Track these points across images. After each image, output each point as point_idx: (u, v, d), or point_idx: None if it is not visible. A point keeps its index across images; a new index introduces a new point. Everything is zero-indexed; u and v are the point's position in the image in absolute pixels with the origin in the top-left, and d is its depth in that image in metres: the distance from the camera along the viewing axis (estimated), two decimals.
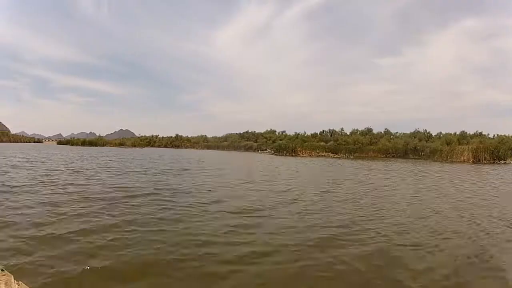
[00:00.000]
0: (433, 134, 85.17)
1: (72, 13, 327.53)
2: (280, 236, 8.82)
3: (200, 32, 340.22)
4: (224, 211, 11.68)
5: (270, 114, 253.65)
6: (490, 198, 16.62)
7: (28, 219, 9.51)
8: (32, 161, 33.48)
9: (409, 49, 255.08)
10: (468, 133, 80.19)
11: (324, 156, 69.75)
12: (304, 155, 69.74)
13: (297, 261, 7.03)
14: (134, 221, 9.85)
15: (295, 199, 14.76)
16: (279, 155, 70.41)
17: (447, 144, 71.75)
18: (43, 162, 32.53)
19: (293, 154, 70.45)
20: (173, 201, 13.30)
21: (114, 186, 17.01)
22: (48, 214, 10.25)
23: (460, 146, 62.59)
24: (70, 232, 8.38)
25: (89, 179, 19.43)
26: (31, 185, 16.15)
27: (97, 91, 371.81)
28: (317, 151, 72.71)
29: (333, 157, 66.84)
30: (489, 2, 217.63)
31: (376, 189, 19.26)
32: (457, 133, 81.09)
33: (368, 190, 18.52)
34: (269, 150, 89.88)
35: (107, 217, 10.12)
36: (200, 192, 15.99)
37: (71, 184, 17.13)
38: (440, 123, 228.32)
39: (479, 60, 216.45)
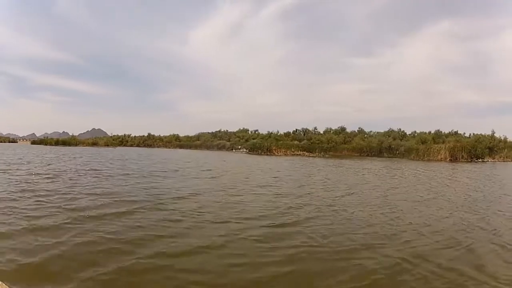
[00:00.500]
0: (408, 133, 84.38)
1: (49, 11, 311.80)
2: None
3: (175, 31, 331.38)
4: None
5: (244, 113, 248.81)
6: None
7: None
8: (8, 163, 28.78)
9: (385, 49, 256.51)
10: (443, 132, 79.39)
11: (300, 155, 66.68)
12: (279, 154, 66.50)
13: None
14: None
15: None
16: (254, 154, 67.09)
17: (422, 143, 70.40)
18: (18, 164, 27.93)
19: (268, 153, 67.09)
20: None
21: (105, 193, 13.75)
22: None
23: (436, 145, 61.14)
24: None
25: (73, 187, 15.39)
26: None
27: (71, 90, 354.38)
28: (292, 150, 69.58)
29: (308, 156, 64.08)
30: (466, 4, 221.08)
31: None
32: (432, 132, 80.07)
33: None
34: (244, 149, 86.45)
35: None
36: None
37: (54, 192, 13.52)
38: (415, 122, 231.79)
39: (455, 61, 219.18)
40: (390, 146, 72.86)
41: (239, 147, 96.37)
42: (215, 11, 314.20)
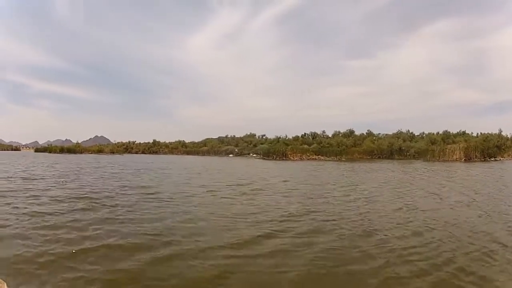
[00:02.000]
0: (416, 134, 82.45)
1: (45, 18, 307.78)
2: None
3: (173, 37, 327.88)
4: None
5: (244, 118, 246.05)
6: None
7: None
8: (15, 177, 23.18)
9: (381, 51, 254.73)
10: (451, 132, 78.08)
11: (315, 159, 64.59)
12: (294, 158, 64.26)
13: None
14: None
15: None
16: (268, 159, 64.38)
17: (432, 144, 69.26)
18: (29, 179, 21.94)
19: (283, 158, 64.66)
20: None
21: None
22: None
23: (450, 145, 59.81)
24: None
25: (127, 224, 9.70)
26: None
27: (72, 98, 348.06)
28: (307, 154, 67.64)
29: (324, 160, 62.06)
30: (461, 3, 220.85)
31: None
32: (440, 132, 78.70)
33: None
34: (256, 155, 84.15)
35: None
36: None
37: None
38: (415, 123, 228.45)
39: (453, 61, 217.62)
40: (400, 148, 71.57)
41: (248, 152, 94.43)
42: (212, 17, 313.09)
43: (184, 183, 21.38)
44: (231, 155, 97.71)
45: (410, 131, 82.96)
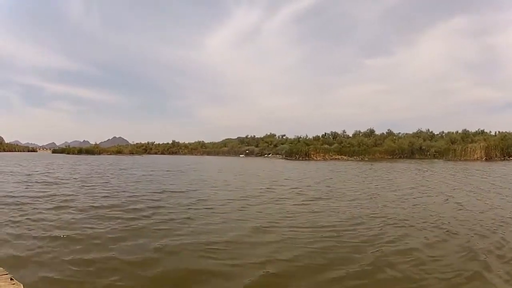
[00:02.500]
0: (435, 133, 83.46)
1: (62, 21, 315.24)
2: None
3: (191, 38, 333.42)
4: None
5: (262, 118, 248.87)
6: None
7: None
8: (34, 181, 21.56)
9: (399, 49, 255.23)
10: (470, 131, 79.06)
11: (338, 159, 66.30)
12: (318, 159, 65.83)
13: None
14: None
15: None
16: (292, 160, 65.93)
17: (452, 143, 70.53)
18: (52, 183, 20.41)
19: (306, 158, 66.23)
20: None
21: None
22: None
23: (471, 144, 61.05)
24: None
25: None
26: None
27: (88, 99, 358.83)
28: (330, 154, 69.39)
29: (347, 160, 63.83)
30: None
31: None
32: (459, 131, 79.81)
33: None
34: (278, 155, 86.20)
35: None
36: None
37: None
38: (433, 121, 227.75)
39: (470, 57, 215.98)
40: (420, 147, 73.04)
41: (269, 153, 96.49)
42: (229, 16, 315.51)
43: (229, 186, 19.66)
44: (252, 156, 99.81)
45: (430, 130, 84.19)
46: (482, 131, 77.50)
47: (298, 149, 71.45)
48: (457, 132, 79.78)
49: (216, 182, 22.83)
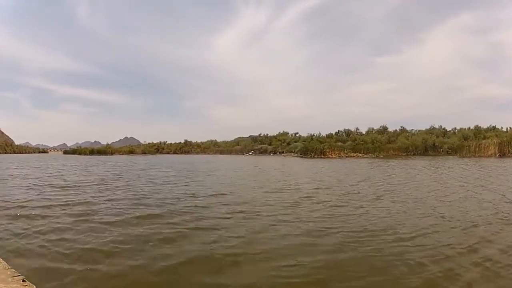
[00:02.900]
0: (447, 130, 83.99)
1: (71, 24, 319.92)
2: None
3: (199, 39, 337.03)
4: None
5: (273, 117, 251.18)
6: None
7: None
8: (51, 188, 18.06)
9: (407, 46, 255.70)
10: (482, 127, 79.59)
11: (353, 156, 67.13)
12: (333, 156, 66.48)
13: None
14: None
15: None
16: (307, 158, 66.62)
17: (465, 139, 71.35)
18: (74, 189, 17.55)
19: (322, 156, 66.78)
20: None
21: None
22: None
23: (485, 141, 61.94)
24: None
25: None
26: None
27: (99, 101, 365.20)
28: (345, 151, 70.46)
29: (363, 157, 64.63)
30: None
31: None
32: (471, 127, 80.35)
33: None
34: (292, 153, 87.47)
35: None
36: None
37: None
38: (444, 118, 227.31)
39: (478, 55, 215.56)
40: (434, 144, 73.98)
41: (283, 151, 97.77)
42: (238, 16, 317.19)
43: (260, 188, 18.21)
44: (266, 154, 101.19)
45: (443, 127, 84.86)
46: (494, 127, 78.21)
47: (313, 147, 72.41)
48: (469, 128, 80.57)
49: (250, 182, 21.61)
